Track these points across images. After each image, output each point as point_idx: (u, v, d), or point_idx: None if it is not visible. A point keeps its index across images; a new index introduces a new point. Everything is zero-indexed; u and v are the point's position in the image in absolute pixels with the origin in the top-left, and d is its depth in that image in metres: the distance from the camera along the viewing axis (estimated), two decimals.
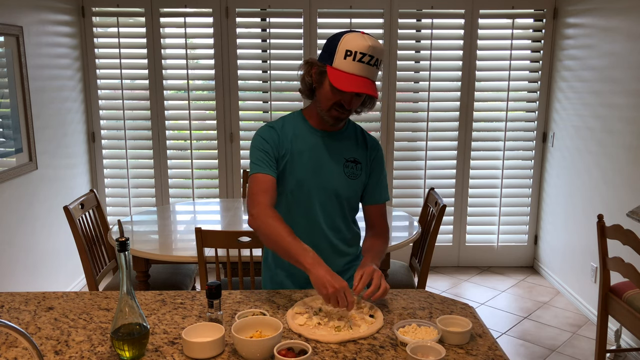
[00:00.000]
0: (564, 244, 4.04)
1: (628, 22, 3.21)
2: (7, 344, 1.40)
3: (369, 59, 1.66)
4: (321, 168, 1.81)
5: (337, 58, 1.68)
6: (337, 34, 1.72)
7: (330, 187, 1.82)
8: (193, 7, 4.14)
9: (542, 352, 3.21)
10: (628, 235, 2.48)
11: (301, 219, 1.82)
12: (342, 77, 1.67)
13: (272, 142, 1.79)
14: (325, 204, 1.83)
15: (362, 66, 1.66)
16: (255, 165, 1.77)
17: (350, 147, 1.86)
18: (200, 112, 4.35)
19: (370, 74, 1.69)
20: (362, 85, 1.66)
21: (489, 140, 4.40)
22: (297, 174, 1.80)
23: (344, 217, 1.89)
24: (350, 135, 1.88)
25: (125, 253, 1.29)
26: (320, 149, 1.82)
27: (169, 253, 2.62)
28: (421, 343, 1.32)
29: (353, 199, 1.90)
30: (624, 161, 3.22)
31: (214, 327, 1.40)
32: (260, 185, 1.74)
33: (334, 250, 1.87)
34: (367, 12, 4.20)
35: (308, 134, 1.83)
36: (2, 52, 3.18)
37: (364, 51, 1.65)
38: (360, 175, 1.87)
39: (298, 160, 1.80)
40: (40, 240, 3.61)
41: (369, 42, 1.66)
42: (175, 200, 4.39)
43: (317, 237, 1.84)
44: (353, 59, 1.66)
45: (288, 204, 1.83)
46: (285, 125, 1.84)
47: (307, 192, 1.81)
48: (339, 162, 1.84)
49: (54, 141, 3.77)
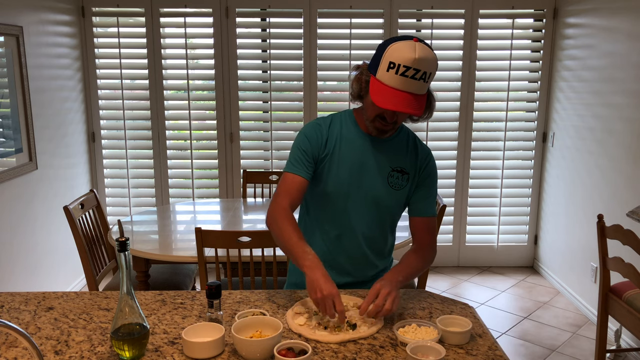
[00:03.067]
0: (564, 244, 4.04)
1: (628, 22, 3.21)
2: (7, 344, 1.40)
3: (414, 72, 1.53)
4: (364, 174, 1.74)
5: (381, 69, 1.57)
6: (387, 40, 1.60)
7: (371, 195, 1.74)
8: (193, 7, 4.14)
9: (542, 352, 3.21)
10: (628, 235, 2.48)
11: (335, 222, 1.77)
12: (382, 91, 1.56)
13: (315, 141, 1.73)
14: (362, 211, 1.76)
15: (405, 80, 1.54)
16: (290, 163, 1.73)
17: (398, 156, 1.76)
18: (200, 112, 4.35)
19: (415, 89, 1.56)
20: (401, 102, 1.54)
21: (489, 140, 4.40)
22: (337, 176, 1.73)
23: (381, 227, 1.82)
24: (400, 142, 1.78)
25: (125, 253, 1.29)
26: (366, 154, 1.74)
27: (169, 253, 2.62)
28: (421, 343, 1.32)
29: (394, 210, 1.81)
30: (624, 161, 3.22)
31: (214, 327, 1.40)
32: (285, 185, 1.71)
33: (365, 259, 1.82)
34: (367, 12, 4.20)
35: (355, 137, 1.75)
36: (2, 52, 3.18)
37: (409, 64, 1.52)
38: (405, 186, 1.77)
39: (341, 162, 1.73)
40: (40, 240, 3.61)
41: (417, 54, 1.51)
42: (175, 200, 4.39)
43: (349, 244, 1.79)
44: (396, 72, 1.53)
45: (324, 205, 1.77)
46: (333, 123, 1.77)
47: (345, 196, 1.74)
48: (384, 171, 1.75)
49: (54, 141, 3.77)
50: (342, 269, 1.82)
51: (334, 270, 1.81)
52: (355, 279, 1.84)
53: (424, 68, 1.53)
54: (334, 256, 1.80)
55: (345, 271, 1.83)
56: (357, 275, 1.83)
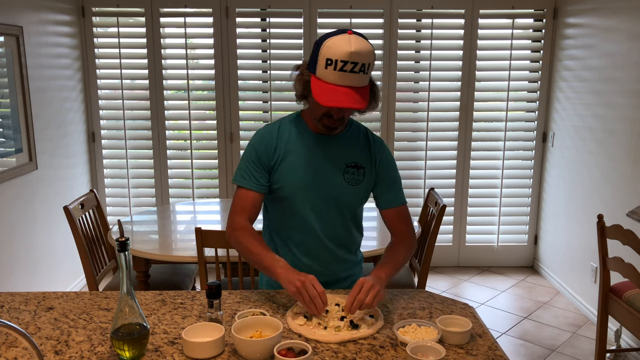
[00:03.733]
0: (564, 244, 4.04)
1: (628, 22, 3.21)
2: (7, 344, 1.40)
3: (352, 66, 1.51)
4: (319, 174, 1.72)
5: (319, 67, 1.55)
6: (322, 37, 1.58)
7: (329, 194, 1.73)
8: (193, 7, 4.14)
9: (542, 352, 3.21)
10: (628, 235, 2.48)
11: (297, 226, 1.77)
12: (324, 89, 1.55)
13: (264, 150, 1.72)
14: (323, 211, 1.75)
15: (344, 75, 1.52)
16: (241, 177, 1.73)
17: (351, 151, 1.75)
18: (200, 112, 4.35)
19: (356, 82, 1.54)
20: (343, 97, 1.53)
21: (489, 140, 4.40)
22: (292, 180, 1.72)
23: (345, 224, 1.81)
24: (352, 137, 1.77)
25: (125, 253, 1.29)
26: (318, 153, 1.73)
27: (169, 253, 2.62)
28: (421, 343, 1.32)
29: (354, 206, 1.80)
30: (624, 161, 3.22)
31: (214, 327, 1.40)
32: (240, 201, 1.73)
33: (332, 257, 1.82)
34: (367, 12, 4.20)
35: (305, 138, 1.74)
36: (2, 52, 3.18)
37: (346, 59, 1.50)
38: (363, 180, 1.76)
39: (294, 165, 1.72)
40: (40, 240, 3.61)
41: (353, 47, 1.50)
42: (175, 200, 4.39)
43: (314, 245, 1.78)
44: (334, 69, 1.52)
45: (284, 210, 1.77)
46: (281, 127, 1.76)
47: (304, 198, 1.73)
48: (339, 168, 1.73)
49: (54, 141, 3.77)
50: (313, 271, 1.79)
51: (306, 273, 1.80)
52: (327, 278, 1.82)
53: (361, 60, 1.52)
54: (302, 260, 1.79)
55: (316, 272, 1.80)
56: (329, 274, 1.82)
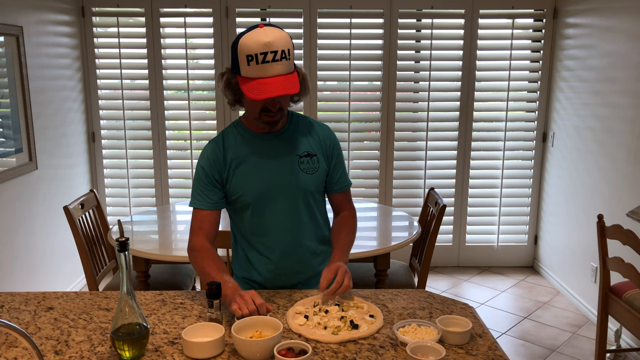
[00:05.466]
0: (564, 244, 4.04)
1: (628, 22, 3.21)
2: (7, 344, 1.40)
3: (273, 55, 1.53)
4: (276, 171, 1.73)
5: (242, 66, 1.57)
6: (236, 38, 1.60)
7: (291, 188, 1.74)
8: (193, 7, 4.14)
9: (542, 352, 3.21)
10: (628, 235, 2.48)
11: (267, 228, 1.76)
12: (253, 85, 1.56)
13: (212, 165, 1.73)
14: (289, 207, 1.75)
15: (268, 66, 1.54)
16: (194, 198, 1.76)
17: (300, 142, 1.77)
18: (200, 112, 4.35)
19: (281, 70, 1.56)
20: (275, 87, 1.55)
21: (489, 140, 4.40)
22: (252, 184, 1.72)
23: (312, 216, 1.81)
24: (295, 129, 1.78)
25: (125, 253, 1.29)
26: (269, 151, 1.74)
27: (169, 253, 2.62)
28: (421, 343, 1.32)
29: (317, 194, 1.81)
30: (624, 161, 3.22)
31: (214, 327, 1.40)
32: (196, 222, 1.75)
33: (308, 252, 1.81)
34: (367, 12, 4.20)
35: (251, 141, 1.75)
36: (2, 52, 3.18)
37: (264, 50, 1.53)
38: (318, 167, 1.77)
39: (249, 169, 1.72)
40: (40, 240, 3.61)
41: (265, 37, 1.53)
42: (175, 200, 4.39)
43: (287, 244, 1.77)
44: (256, 62, 1.54)
45: (250, 217, 1.76)
46: (225, 137, 1.76)
47: (268, 199, 1.73)
48: (293, 160, 1.74)
49: (54, 141, 3.77)
50: (292, 270, 1.81)
51: (286, 276, 1.81)
52: (308, 274, 1.83)
53: (279, 47, 1.54)
54: (280, 264, 1.79)
55: (296, 271, 1.82)
56: (308, 270, 1.82)
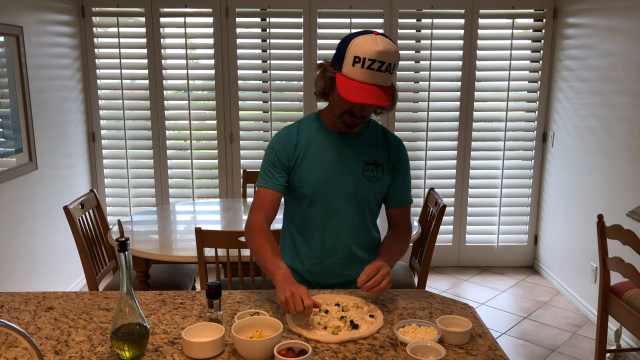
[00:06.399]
0: (564, 244, 4.04)
1: (628, 22, 3.21)
2: (7, 344, 1.40)
3: (379, 65, 1.56)
4: (339, 172, 1.75)
5: (346, 64, 1.59)
6: (349, 36, 1.63)
7: (349, 191, 1.76)
8: (193, 7, 4.14)
9: (542, 352, 3.21)
10: (628, 235, 2.48)
11: (318, 224, 1.79)
12: (350, 85, 1.59)
13: (283, 150, 1.76)
14: (343, 209, 1.77)
15: (371, 73, 1.57)
16: (261, 177, 1.78)
17: (370, 149, 1.79)
18: (200, 112, 4.35)
19: (381, 81, 1.59)
20: (370, 95, 1.58)
21: (489, 140, 4.40)
22: (313, 178, 1.75)
23: (364, 223, 1.83)
24: (370, 136, 1.80)
25: (125, 253, 1.29)
26: (338, 151, 1.76)
27: (169, 253, 2.62)
28: (421, 343, 1.32)
29: (374, 204, 1.83)
30: (624, 161, 3.22)
31: (214, 327, 1.40)
32: (259, 200, 1.76)
33: (352, 257, 1.82)
34: (367, 12, 4.20)
35: (324, 137, 1.77)
36: (2, 52, 3.18)
37: (374, 57, 1.55)
38: (382, 178, 1.79)
39: (314, 163, 1.75)
40: (40, 240, 3.61)
41: (380, 46, 1.55)
42: (175, 200, 4.39)
43: (334, 244, 1.80)
44: (362, 66, 1.56)
45: (305, 210, 1.79)
46: (300, 128, 1.79)
47: (324, 196, 1.76)
48: (358, 165, 1.77)
49: (54, 141, 3.77)
50: (333, 271, 1.83)
51: (325, 274, 1.82)
52: (346, 279, 1.84)
53: (388, 60, 1.57)
54: (322, 260, 1.81)
55: (336, 272, 1.83)
56: (348, 274, 1.83)
